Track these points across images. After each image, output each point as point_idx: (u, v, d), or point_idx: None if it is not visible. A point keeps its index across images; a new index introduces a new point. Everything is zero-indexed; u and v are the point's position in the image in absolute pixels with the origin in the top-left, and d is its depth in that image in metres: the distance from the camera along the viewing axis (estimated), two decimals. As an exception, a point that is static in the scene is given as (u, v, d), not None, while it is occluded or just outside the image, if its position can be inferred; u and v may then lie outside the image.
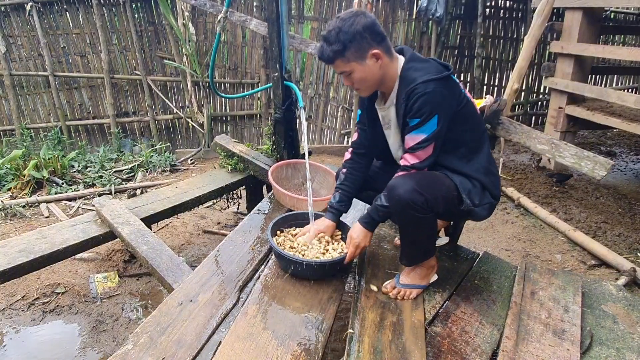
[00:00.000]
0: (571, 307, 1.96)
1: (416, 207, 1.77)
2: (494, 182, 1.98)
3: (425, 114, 1.75)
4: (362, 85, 1.91)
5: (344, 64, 1.84)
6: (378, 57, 1.82)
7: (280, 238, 2.23)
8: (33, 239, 2.38)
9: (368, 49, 1.79)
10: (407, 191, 1.76)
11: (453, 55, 6.43)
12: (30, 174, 4.58)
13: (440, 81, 1.75)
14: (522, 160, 5.28)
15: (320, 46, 1.87)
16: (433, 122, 1.76)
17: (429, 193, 1.77)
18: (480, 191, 1.93)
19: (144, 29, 6.08)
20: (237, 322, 1.80)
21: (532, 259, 3.23)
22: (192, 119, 6.24)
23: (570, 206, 3.99)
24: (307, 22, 6.03)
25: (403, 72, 1.85)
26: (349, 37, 1.77)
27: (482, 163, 1.94)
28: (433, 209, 1.81)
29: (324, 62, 1.92)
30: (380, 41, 1.81)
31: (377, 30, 1.81)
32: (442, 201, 1.82)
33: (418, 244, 1.96)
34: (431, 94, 1.73)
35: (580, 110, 4.53)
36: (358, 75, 1.86)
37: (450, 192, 1.86)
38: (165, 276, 2.14)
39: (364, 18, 1.78)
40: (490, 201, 1.97)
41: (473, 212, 1.92)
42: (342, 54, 1.81)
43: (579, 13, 4.43)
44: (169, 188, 3.06)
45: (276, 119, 3.07)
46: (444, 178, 1.88)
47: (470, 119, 1.91)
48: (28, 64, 6.17)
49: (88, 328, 2.55)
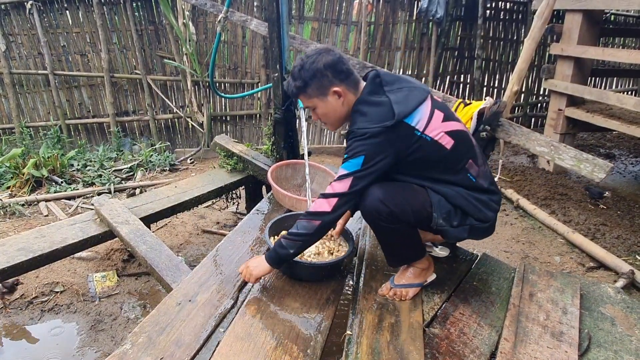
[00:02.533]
0: (569, 309, 1.96)
1: (381, 217, 1.79)
2: (479, 206, 1.87)
3: (352, 151, 1.76)
4: (327, 120, 1.94)
5: (306, 100, 1.89)
6: (339, 94, 1.84)
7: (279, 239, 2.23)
8: (32, 238, 2.38)
9: (329, 86, 1.82)
10: (373, 200, 1.78)
11: (453, 56, 6.44)
12: (29, 173, 4.58)
13: (377, 130, 1.71)
14: (522, 161, 5.29)
15: (287, 81, 1.93)
16: (357, 161, 1.74)
17: (396, 206, 1.77)
18: (460, 214, 1.87)
19: (144, 28, 6.07)
20: (235, 323, 1.80)
21: (530, 261, 3.24)
22: (192, 119, 6.24)
23: (569, 208, 4.00)
24: (308, 23, 6.04)
25: (352, 113, 1.86)
26: (309, 75, 1.81)
27: (460, 191, 1.86)
28: (400, 220, 1.80)
29: (290, 96, 1.97)
30: (343, 79, 1.83)
31: (339, 68, 1.82)
32: (412, 215, 1.81)
33: (395, 249, 1.97)
34: (362, 137, 1.73)
35: (580, 113, 4.54)
36: (321, 111, 1.90)
37: (423, 207, 1.82)
38: (164, 276, 2.14)
39: (327, 56, 1.81)
40: (472, 224, 1.89)
41: (445, 231, 1.88)
42: (304, 90, 1.85)
43: (579, 15, 4.44)
44: (168, 187, 3.06)
45: (276, 119, 3.07)
46: (421, 193, 1.84)
47: (430, 157, 1.81)
48: (28, 63, 6.15)
49: (86, 327, 2.55)
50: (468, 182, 1.88)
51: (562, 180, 4.63)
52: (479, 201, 1.88)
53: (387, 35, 5.98)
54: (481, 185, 1.90)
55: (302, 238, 1.84)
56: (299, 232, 1.83)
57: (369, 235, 2.52)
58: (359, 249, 2.37)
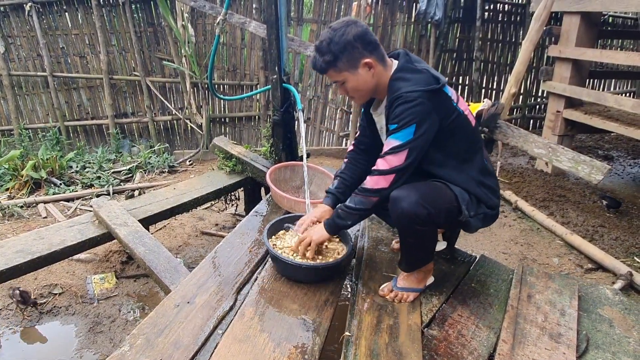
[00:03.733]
0: (567, 311, 1.97)
1: (419, 220, 1.76)
2: (487, 193, 1.94)
3: (403, 120, 1.73)
4: (355, 94, 1.91)
5: (336, 74, 1.85)
6: (370, 66, 1.82)
7: (277, 240, 2.23)
8: (30, 240, 2.38)
9: (360, 58, 1.80)
10: (412, 204, 1.74)
11: (452, 58, 6.45)
12: (28, 174, 4.58)
13: (425, 93, 1.72)
14: (520, 163, 5.29)
15: (313, 57, 1.88)
16: (410, 130, 1.73)
17: (433, 206, 1.76)
18: (475, 202, 1.91)
19: (144, 30, 6.08)
20: (234, 324, 1.80)
21: (529, 262, 3.24)
22: (191, 120, 6.25)
23: (567, 210, 4.00)
24: (307, 25, 6.05)
25: (391, 82, 1.84)
26: (340, 47, 1.77)
27: (473, 174, 1.91)
28: (435, 222, 1.80)
29: (317, 72, 1.93)
30: (372, 50, 1.81)
31: (368, 39, 1.80)
32: (444, 213, 1.81)
33: (418, 252, 1.96)
34: (412, 103, 1.71)
35: (578, 114, 4.55)
36: (351, 85, 1.86)
37: (452, 203, 1.84)
38: (163, 278, 2.14)
39: (355, 27, 1.78)
40: (484, 212, 1.94)
41: (468, 223, 1.91)
42: (334, 64, 1.81)
43: (577, 17, 4.45)
44: (167, 189, 3.06)
45: (274, 121, 3.08)
46: (445, 189, 1.86)
47: (460, 132, 1.87)
48: (27, 64, 6.17)
49: (85, 329, 2.55)
50: (482, 164, 1.94)
51: (561, 181, 4.64)
52: (487, 187, 1.94)
53: (385, 37, 5.99)
54: (489, 168, 1.97)
55: (359, 212, 1.88)
56: (356, 207, 1.86)
57: (368, 236, 2.52)
58: (358, 250, 2.37)
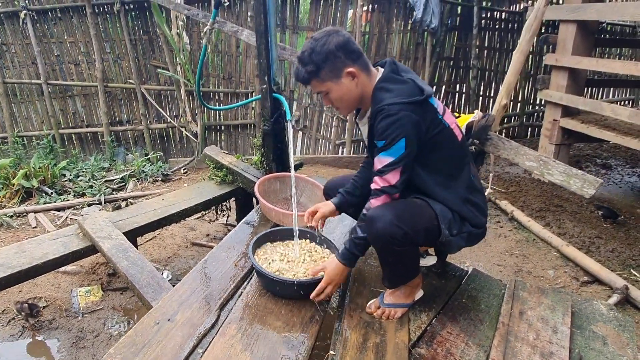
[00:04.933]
0: (560, 328, 1.91)
1: (395, 241, 1.70)
2: (473, 211, 1.88)
3: (390, 136, 1.68)
4: (340, 104, 1.87)
5: (319, 84, 1.81)
6: (354, 75, 1.78)
7: (263, 254, 2.18)
8: (12, 254, 2.33)
9: (342, 67, 1.77)
10: (387, 224, 1.69)
11: (448, 66, 6.42)
12: (19, 183, 4.53)
13: (407, 105, 1.68)
14: (517, 172, 5.24)
15: (295, 68, 1.85)
16: (400, 145, 1.68)
17: (409, 226, 1.70)
18: (459, 220, 1.85)
19: (139, 38, 6.06)
20: (215, 343, 1.75)
21: (524, 275, 3.18)
22: (186, 128, 6.21)
23: (564, 220, 3.95)
24: (302, 33, 6.02)
25: (374, 92, 1.79)
26: (322, 57, 1.74)
27: (459, 191, 1.86)
28: (413, 241, 1.75)
29: (300, 83, 1.89)
30: (355, 59, 1.78)
31: (351, 48, 1.77)
32: (423, 232, 1.76)
33: (399, 270, 1.90)
34: (395, 116, 1.66)
35: (575, 123, 4.51)
36: (335, 95, 1.83)
37: (431, 222, 1.78)
38: (145, 293, 2.09)
39: (337, 37, 1.75)
40: (469, 230, 1.88)
41: (450, 242, 1.84)
42: (317, 75, 1.78)
43: (573, 26, 4.42)
44: (155, 200, 3.01)
45: (265, 131, 3.03)
46: (425, 207, 1.80)
47: (445, 146, 1.81)
48: (22, 72, 6.14)
49: (67, 344, 2.49)
50: (469, 180, 1.89)
51: (558, 191, 4.58)
52: (473, 205, 1.88)
53: (381, 45, 5.97)
54: (476, 185, 1.92)
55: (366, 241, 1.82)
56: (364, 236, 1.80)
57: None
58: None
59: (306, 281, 1.97)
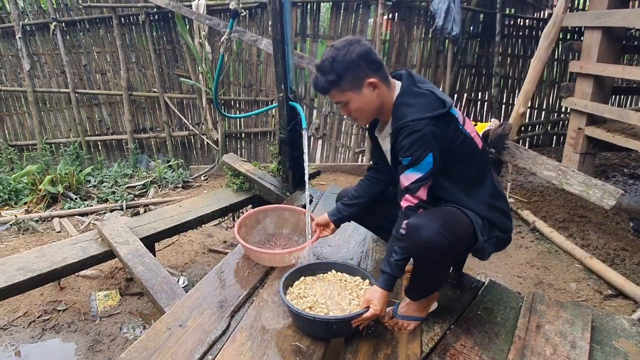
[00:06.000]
0: (579, 343, 1.85)
1: (439, 250, 1.66)
2: (500, 217, 1.87)
3: (416, 152, 1.66)
4: (359, 114, 1.85)
5: (339, 94, 1.78)
6: (375, 85, 1.76)
7: (296, 290, 1.99)
8: (33, 257, 2.39)
9: (364, 77, 1.74)
10: (433, 233, 1.64)
11: (470, 73, 6.35)
12: (45, 189, 4.66)
13: (432, 120, 1.66)
14: (540, 181, 5.12)
15: (314, 76, 1.82)
16: (428, 160, 1.66)
17: (453, 235, 1.66)
18: (487, 227, 1.83)
19: (162, 47, 6.20)
20: (224, 350, 1.75)
21: (545, 287, 3.09)
22: (207, 136, 6.30)
23: (588, 231, 3.83)
24: (323, 41, 6.05)
25: (395, 107, 1.77)
26: (343, 67, 1.71)
27: (484, 198, 1.84)
28: (454, 251, 1.72)
29: (319, 92, 1.88)
30: (376, 69, 1.76)
31: (373, 58, 1.74)
32: (463, 241, 1.74)
33: (429, 282, 1.88)
34: (420, 132, 1.64)
35: (600, 132, 4.39)
36: (355, 105, 1.80)
37: (468, 230, 1.75)
38: (158, 299, 2.11)
39: (359, 46, 1.72)
40: (497, 235, 1.87)
41: (483, 249, 1.83)
42: (338, 84, 1.75)
43: (598, 32, 4.32)
44: (173, 207, 3.05)
45: (281, 139, 3.06)
46: (462, 215, 1.77)
47: (468, 154, 1.80)
48: (51, 81, 6.36)
49: (84, 347, 2.53)
50: (492, 186, 1.87)
51: (583, 201, 4.45)
52: (499, 210, 1.87)
53: (402, 53, 5.95)
54: (500, 191, 1.90)
55: (408, 258, 1.79)
56: (405, 256, 1.76)
57: (372, 258, 2.45)
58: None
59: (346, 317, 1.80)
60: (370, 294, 1.82)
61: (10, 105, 6.56)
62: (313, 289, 1.99)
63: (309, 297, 1.93)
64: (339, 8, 5.80)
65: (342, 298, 1.94)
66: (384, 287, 1.80)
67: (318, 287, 2.00)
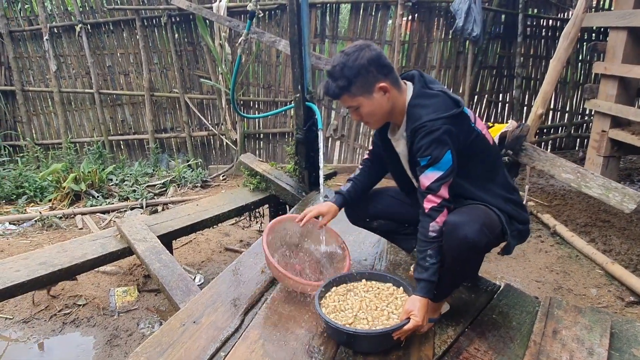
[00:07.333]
0: (596, 350, 1.80)
1: (478, 248, 1.66)
2: (516, 208, 1.88)
3: (435, 151, 1.67)
4: (370, 119, 1.87)
5: (350, 99, 1.80)
6: (385, 90, 1.77)
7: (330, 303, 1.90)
8: (54, 252, 2.46)
9: (375, 82, 1.76)
10: (475, 232, 1.63)
11: (491, 75, 6.26)
12: (69, 187, 4.78)
13: (447, 119, 1.68)
14: (562, 184, 5.01)
15: (325, 82, 1.84)
16: (447, 158, 1.67)
17: (492, 232, 1.68)
18: (508, 220, 1.84)
19: (184, 49, 6.29)
20: (237, 347, 1.77)
21: (564, 293, 3.03)
22: (226, 136, 6.36)
23: (610, 236, 3.74)
24: (342, 42, 6.06)
25: (409, 109, 1.79)
26: (354, 72, 1.73)
27: (499, 192, 1.85)
28: (489, 249, 1.73)
29: (331, 97, 1.90)
30: (387, 73, 1.77)
31: (383, 63, 1.76)
32: (497, 238, 1.76)
33: (456, 282, 1.89)
34: (438, 132, 1.66)
35: (625, 135, 4.28)
36: (366, 110, 1.81)
37: (499, 226, 1.77)
38: (174, 295, 2.14)
39: (369, 51, 1.74)
40: (517, 228, 1.87)
41: (510, 244, 1.85)
42: (348, 89, 1.77)
43: (624, 33, 4.22)
44: (190, 206, 3.10)
45: (297, 140, 3.07)
46: (492, 212, 1.78)
47: (481, 151, 1.83)
48: (76, 82, 6.52)
49: (102, 342, 2.59)
50: (504, 180, 1.89)
51: (606, 205, 4.33)
52: (514, 203, 1.87)
53: (421, 54, 5.91)
54: (512, 184, 1.92)
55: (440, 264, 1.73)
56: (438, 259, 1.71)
57: (386, 260, 2.44)
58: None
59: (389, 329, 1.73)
60: (410, 305, 1.73)
61: (38, 106, 6.75)
62: (347, 301, 1.91)
63: (346, 311, 1.84)
64: (358, 9, 5.80)
65: (380, 311, 1.85)
66: (424, 294, 1.72)
67: (352, 299, 1.92)
